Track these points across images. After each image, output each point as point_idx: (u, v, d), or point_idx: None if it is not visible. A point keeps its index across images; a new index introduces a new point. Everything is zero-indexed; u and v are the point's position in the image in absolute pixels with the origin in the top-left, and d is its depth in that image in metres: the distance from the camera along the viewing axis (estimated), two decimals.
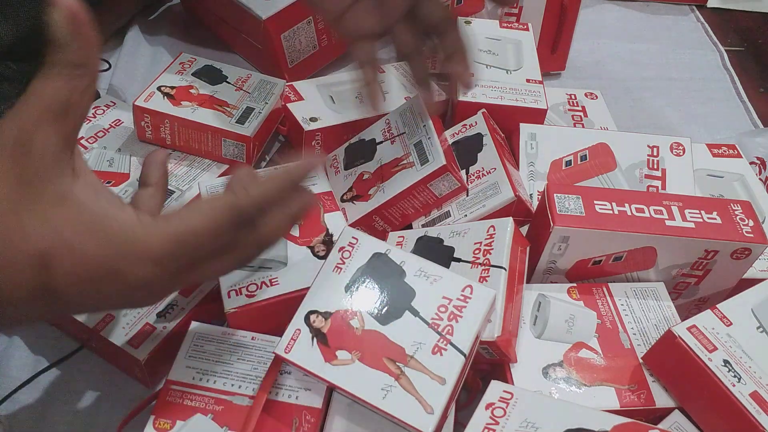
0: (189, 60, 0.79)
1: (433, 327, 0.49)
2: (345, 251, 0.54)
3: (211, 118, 0.72)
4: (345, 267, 0.53)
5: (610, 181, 0.69)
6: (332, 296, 0.52)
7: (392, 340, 0.49)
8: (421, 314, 0.50)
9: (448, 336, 0.48)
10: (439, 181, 0.64)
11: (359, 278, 0.52)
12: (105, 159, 0.73)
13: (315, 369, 0.48)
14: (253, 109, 0.74)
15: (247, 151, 0.72)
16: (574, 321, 0.57)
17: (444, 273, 0.52)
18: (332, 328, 0.50)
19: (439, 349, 0.48)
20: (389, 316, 0.50)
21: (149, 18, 1.03)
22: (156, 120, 0.72)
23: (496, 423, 0.47)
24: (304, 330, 0.50)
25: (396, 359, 0.48)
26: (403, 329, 0.49)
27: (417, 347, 0.48)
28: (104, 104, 0.80)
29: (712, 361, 0.49)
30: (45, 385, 0.60)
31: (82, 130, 0.74)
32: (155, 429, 0.50)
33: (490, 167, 0.66)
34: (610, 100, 0.88)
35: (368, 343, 0.49)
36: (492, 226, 0.57)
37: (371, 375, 0.48)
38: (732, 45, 1.07)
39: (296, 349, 0.49)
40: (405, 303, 0.51)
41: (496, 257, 0.55)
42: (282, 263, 0.59)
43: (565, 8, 0.88)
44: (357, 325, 0.50)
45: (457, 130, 0.72)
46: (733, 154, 0.75)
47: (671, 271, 0.59)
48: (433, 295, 0.51)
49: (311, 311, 0.51)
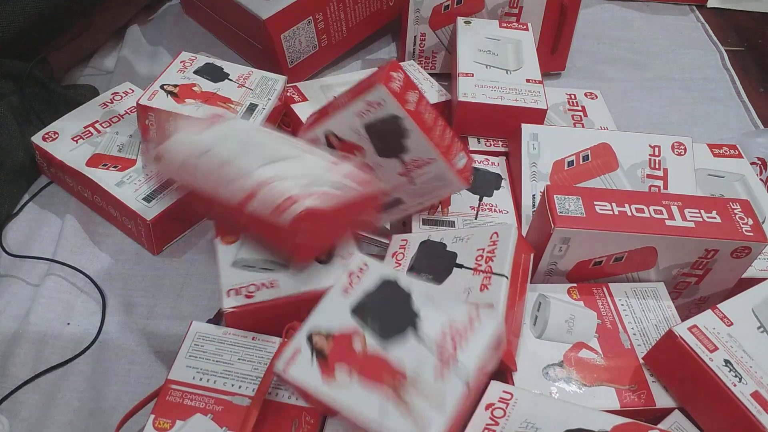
0: (190, 58, 0.79)
1: (436, 352, 0.49)
2: (354, 276, 0.54)
3: None
4: (353, 290, 0.53)
5: (612, 181, 0.69)
6: (337, 317, 0.51)
7: (395, 363, 0.48)
8: (424, 340, 0.49)
9: (451, 363, 0.48)
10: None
11: (366, 302, 0.52)
12: (115, 144, 0.74)
13: (313, 388, 0.48)
14: (257, 105, 0.74)
15: None
16: (574, 321, 0.57)
17: (449, 299, 0.51)
18: (334, 349, 0.50)
19: (441, 375, 0.47)
20: (393, 340, 0.50)
21: (149, 18, 1.03)
22: (160, 118, 0.72)
23: (495, 423, 0.47)
24: (304, 349, 0.50)
25: (398, 384, 0.47)
26: (406, 354, 0.49)
27: (418, 372, 0.48)
28: (123, 91, 0.81)
29: (713, 361, 0.49)
30: (45, 385, 0.60)
31: (98, 114, 0.77)
32: (155, 428, 0.50)
33: (427, 157, 0.62)
34: (610, 100, 0.88)
35: (370, 366, 0.48)
36: (495, 233, 0.57)
37: (372, 398, 0.47)
38: (732, 45, 1.07)
39: (295, 367, 0.49)
40: (410, 328, 0.50)
41: (498, 265, 0.55)
42: (283, 266, 0.59)
43: (565, 8, 0.88)
44: (359, 346, 0.50)
45: (364, 109, 0.60)
46: (733, 154, 0.75)
47: (671, 270, 0.59)
48: (437, 322, 0.50)
49: (314, 331, 0.51)
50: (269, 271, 0.59)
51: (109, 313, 0.66)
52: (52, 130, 0.74)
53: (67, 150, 0.73)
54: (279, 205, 0.52)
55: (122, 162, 0.72)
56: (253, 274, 0.58)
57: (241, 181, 0.55)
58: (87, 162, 0.71)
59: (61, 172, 0.73)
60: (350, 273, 0.54)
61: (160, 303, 0.67)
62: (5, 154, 0.73)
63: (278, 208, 0.52)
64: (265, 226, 0.54)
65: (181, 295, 0.68)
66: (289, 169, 0.56)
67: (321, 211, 0.53)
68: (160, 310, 0.67)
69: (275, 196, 0.53)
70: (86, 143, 0.74)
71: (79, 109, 0.78)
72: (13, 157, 0.74)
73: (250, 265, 0.59)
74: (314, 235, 0.55)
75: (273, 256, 0.59)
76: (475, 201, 0.71)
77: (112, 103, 0.79)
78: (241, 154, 0.57)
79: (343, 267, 0.59)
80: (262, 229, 0.57)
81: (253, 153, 0.57)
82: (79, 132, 0.75)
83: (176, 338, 0.64)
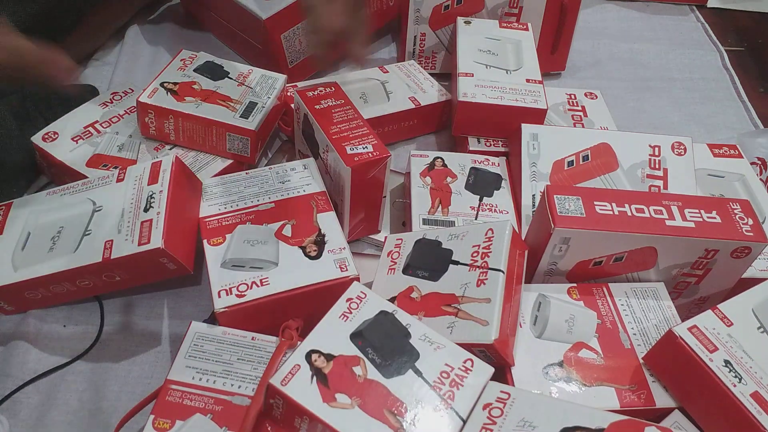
0: (190, 56, 0.79)
1: (435, 389, 0.50)
2: (353, 302, 0.54)
3: (216, 113, 0.72)
4: (352, 317, 0.53)
5: (612, 181, 0.69)
6: (336, 340, 0.52)
7: (394, 393, 0.49)
8: (424, 375, 0.50)
9: (449, 400, 0.49)
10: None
11: (365, 330, 0.53)
12: (115, 144, 0.74)
13: (313, 408, 0.48)
14: (256, 103, 0.74)
15: (251, 145, 0.73)
16: (574, 321, 0.57)
17: (446, 342, 0.52)
18: (334, 371, 0.50)
19: (439, 411, 0.48)
20: (393, 371, 0.50)
21: (149, 18, 1.03)
22: (160, 115, 0.72)
23: (493, 423, 0.47)
24: (304, 367, 0.50)
25: (396, 413, 0.48)
26: (405, 386, 0.50)
27: (418, 405, 0.49)
28: (123, 91, 0.81)
29: (713, 362, 0.49)
30: (45, 385, 0.60)
31: (98, 114, 0.77)
32: (155, 429, 0.50)
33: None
34: (610, 100, 0.88)
35: (370, 392, 0.49)
36: (490, 229, 0.57)
37: (371, 424, 0.47)
38: (732, 45, 1.07)
39: (294, 384, 0.49)
40: (410, 362, 0.51)
41: (495, 260, 0.55)
42: (273, 263, 0.59)
43: (565, 8, 0.88)
44: (360, 372, 0.50)
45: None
46: (734, 154, 0.75)
47: (671, 270, 0.59)
48: (435, 361, 0.51)
49: (313, 350, 0.51)
50: (259, 270, 0.59)
51: (109, 313, 0.66)
52: (51, 131, 0.74)
53: (66, 150, 0.73)
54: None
55: (122, 162, 0.72)
56: (243, 274, 0.58)
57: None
58: (87, 162, 0.71)
59: (61, 172, 0.73)
60: (348, 299, 0.55)
61: (160, 303, 0.67)
62: (5, 154, 0.73)
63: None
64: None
65: (181, 295, 0.68)
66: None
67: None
68: (160, 310, 0.66)
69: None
70: (86, 143, 0.74)
71: (79, 109, 0.78)
72: (12, 157, 0.74)
73: (239, 264, 0.59)
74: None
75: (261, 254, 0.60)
76: (475, 201, 0.71)
77: (111, 103, 0.79)
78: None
79: (334, 261, 0.60)
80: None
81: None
82: (78, 132, 0.75)
83: (176, 338, 0.64)
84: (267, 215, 0.64)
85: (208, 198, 0.66)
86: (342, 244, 0.61)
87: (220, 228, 0.63)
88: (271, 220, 0.63)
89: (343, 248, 0.61)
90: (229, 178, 0.68)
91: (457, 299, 0.55)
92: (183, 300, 0.67)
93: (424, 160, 0.74)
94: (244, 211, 0.64)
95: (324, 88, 0.72)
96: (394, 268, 0.62)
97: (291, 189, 0.67)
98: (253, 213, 0.64)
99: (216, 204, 0.65)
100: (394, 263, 0.62)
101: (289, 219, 0.64)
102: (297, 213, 0.64)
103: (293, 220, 0.63)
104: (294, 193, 0.66)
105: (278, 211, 0.64)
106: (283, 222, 0.63)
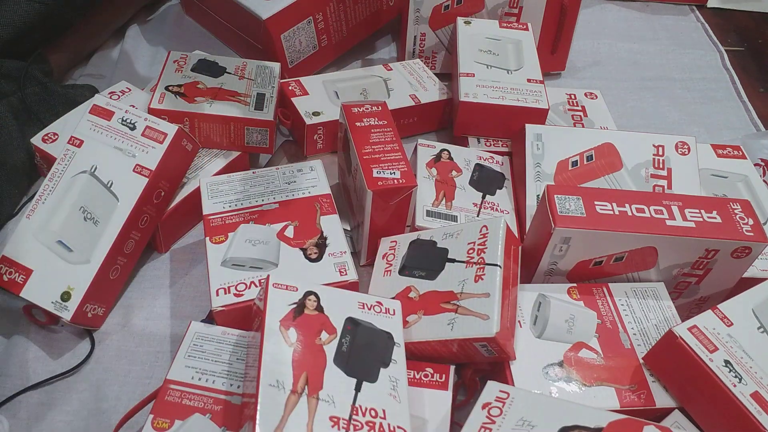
0: (182, 57, 0.79)
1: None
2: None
3: (231, 109, 0.72)
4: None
5: (616, 181, 0.69)
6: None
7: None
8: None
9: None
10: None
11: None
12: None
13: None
14: (264, 94, 0.75)
15: (270, 136, 0.73)
16: (574, 321, 0.57)
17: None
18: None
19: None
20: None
21: (149, 17, 1.03)
22: (175, 119, 0.72)
23: (492, 422, 0.47)
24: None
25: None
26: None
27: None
28: (120, 90, 0.80)
29: (713, 362, 0.49)
30: (45, 385, 0.60)
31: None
32: (154, 428, 0.50)
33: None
34: (610, 100, 0.88)
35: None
36: (485, 226, 0.57)
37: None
38: (732, 45, 1.07)
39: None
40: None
41: (491, 255, 0.55)
42: (273, 264, 0.59)
43: (565, 8, 0.88)
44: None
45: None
46: (737, 155, 0.75)
47: (672, 270, 0.59)
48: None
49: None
50: (259, 270, 0.59)
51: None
52: (51, 131, 0.74)
53: None
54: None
55: None
56: (242, 273, 0.58)
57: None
58: None
59: None
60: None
61: (160, 303, 0.67)
62: (5, 154, 0.73)
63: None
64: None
65: (181, 295, 0.68)
66: None
67: None
68: (160, 310, 0.66)
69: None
70: None
71: (78, 109, 0.77)
72: (13, 158, 0.74)
73: (240, 263, 0.59)
74: None
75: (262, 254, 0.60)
76: (478, 198, 0.70)
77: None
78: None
79: (334, 265, 0.60)
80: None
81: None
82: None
83: (176, 338, 0.64)
84: (270, 215, 0.64)
85: (213, 195, 0.66)
86: (343, 248, 0.61)
87: (224, 226, 0.63)
88: (275, 220, 0.63)
89: (344, 252, 0.61)
90: (236, 177, 0.68)
91: (455, 296, 0.55)
92: (183, 300, 0.67)
93: (431, 151, 0.74)
94: (248, 210, 0.64)
95: (371, 106, 0.70)
96: (389, 270, 0.62)
97: (296, 190, 0.67)
98: (256, 212, 0.64)
99: (221, 202, 0.65)
100: (390, 265, 0.62)
101: (292, 220, 0.64)
102: (300, 214, 0.64)
103: (296, 222, 0.63)
104: (299, 195, 0.66)
105: (282, 212, 0.64)
106: (286, 223, 0.63)
